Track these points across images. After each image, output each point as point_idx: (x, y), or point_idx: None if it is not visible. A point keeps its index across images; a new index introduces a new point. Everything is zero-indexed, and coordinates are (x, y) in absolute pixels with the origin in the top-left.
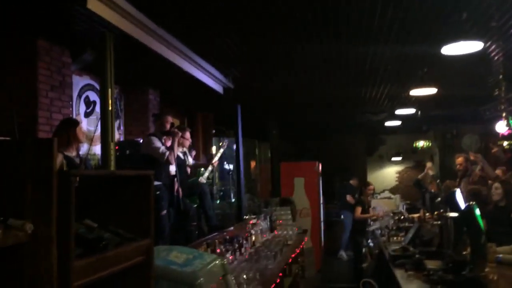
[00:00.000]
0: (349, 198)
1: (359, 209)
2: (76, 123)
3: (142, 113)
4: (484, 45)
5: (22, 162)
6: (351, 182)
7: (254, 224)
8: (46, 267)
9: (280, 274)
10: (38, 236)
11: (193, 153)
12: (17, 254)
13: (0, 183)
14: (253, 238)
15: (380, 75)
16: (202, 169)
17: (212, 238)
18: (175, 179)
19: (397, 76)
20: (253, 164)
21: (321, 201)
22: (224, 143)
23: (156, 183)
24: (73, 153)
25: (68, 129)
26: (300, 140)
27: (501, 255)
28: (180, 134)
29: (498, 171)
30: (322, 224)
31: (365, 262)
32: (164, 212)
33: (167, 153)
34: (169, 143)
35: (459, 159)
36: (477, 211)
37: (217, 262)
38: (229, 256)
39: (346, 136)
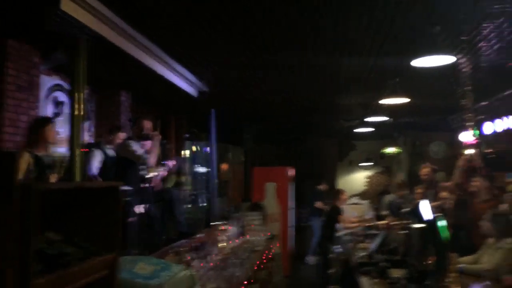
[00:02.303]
0: (318, 204)
1: (343, 217)
2: (47, 121)
3: (114, 114)
4: (454, 58)
5: None
6: (320, 187)
7: (223, 230)
8: (3, 287)
9: (245, 282)
10: None
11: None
12: None
13: None
14: (222, 244)
15: (353, 84)
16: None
17: (180, 245)
18: (148, 184)
19: (370, 86)
20: (225, 167)
21: (292, 206)
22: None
23: (126, 188)
24: (42, 152)
25: (39, 128)
26: (273, 145)
27: (462, 265)
28: (160, 136)
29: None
30: (291, 229)
31: (332, 268)
32: (133, 218)
33: (145, 156)
34: (147, 147)
35: (425, 170)
36: (441, 223)
37: (184, 273)
38: (197, 264)
39: (319, 142)
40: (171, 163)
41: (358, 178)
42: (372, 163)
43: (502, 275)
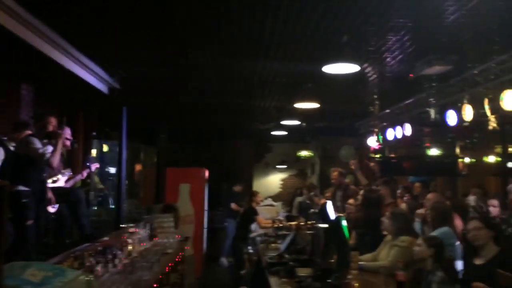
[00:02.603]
0: (233, 205)
1: (260, 218)
2: None
3: (13, 109)
4: (361, 67)
5: None
6: (235, 188)
7: (132, 233)
8: None
9: (155, 285)
10: None
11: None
12: None
13: None
14: (130, 247)
15: (268, 87)
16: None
17: (82, 249)
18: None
19: (284, 90)
20: (137, 167)
21: (206, 208)
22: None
23: (23, 189)
24: None
25: None
26: (189, 146)
27: (362, 263)
28: (64, 135)
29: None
30: (205, 231)
31: (244, 268)
32: (30, 221)
33: (48, 155)
34: (51, 145)
35: (334, 173)
36: (344, 222)
37: (81, 278)
38: (99, 269)
39: (235, 143)
40: (94, 166)
41: (274, 180)
42: (287, 166)
43: (395, 271)
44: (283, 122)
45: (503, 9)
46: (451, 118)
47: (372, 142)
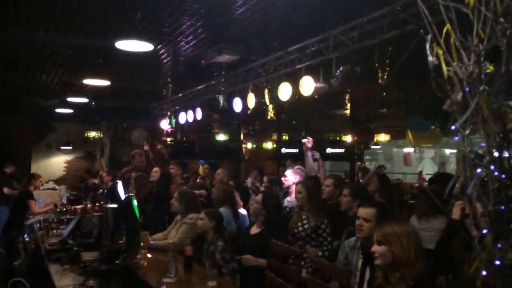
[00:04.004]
0: (5, 190)
1: (33, 203)
2: None
3: None
4: (155, 47)
5: None
6: (7, 170)
7: None
8: None
9: None
10: None
11: None
12: None
13: None
14: None
15: (52, 59)
16: None
17: None
18: None
19: (71, 64)
20: None
21: None
22: None
23: None
24: None
25: None
26: None
27: (153, 242)
28: None
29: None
30: None
31: (19, 259)
32: None
33: None
34: None
35: (138, 156)
36: (135, 202)
37: None
38: None
39: (9, 120)
40: None
41: (57, 162)
42: (72, 147)
43: (184, 247)
44: (69, 99)
45: (281, 11)
46: (237, 105)
47: (165, 125)
